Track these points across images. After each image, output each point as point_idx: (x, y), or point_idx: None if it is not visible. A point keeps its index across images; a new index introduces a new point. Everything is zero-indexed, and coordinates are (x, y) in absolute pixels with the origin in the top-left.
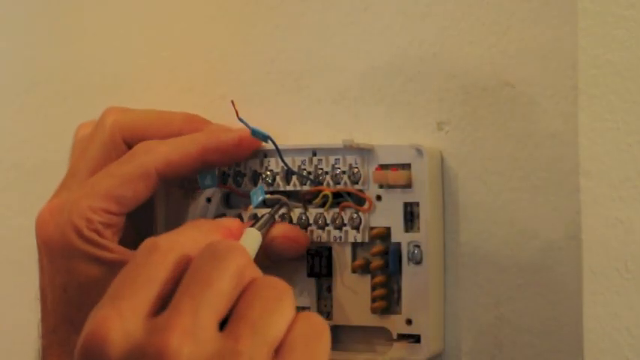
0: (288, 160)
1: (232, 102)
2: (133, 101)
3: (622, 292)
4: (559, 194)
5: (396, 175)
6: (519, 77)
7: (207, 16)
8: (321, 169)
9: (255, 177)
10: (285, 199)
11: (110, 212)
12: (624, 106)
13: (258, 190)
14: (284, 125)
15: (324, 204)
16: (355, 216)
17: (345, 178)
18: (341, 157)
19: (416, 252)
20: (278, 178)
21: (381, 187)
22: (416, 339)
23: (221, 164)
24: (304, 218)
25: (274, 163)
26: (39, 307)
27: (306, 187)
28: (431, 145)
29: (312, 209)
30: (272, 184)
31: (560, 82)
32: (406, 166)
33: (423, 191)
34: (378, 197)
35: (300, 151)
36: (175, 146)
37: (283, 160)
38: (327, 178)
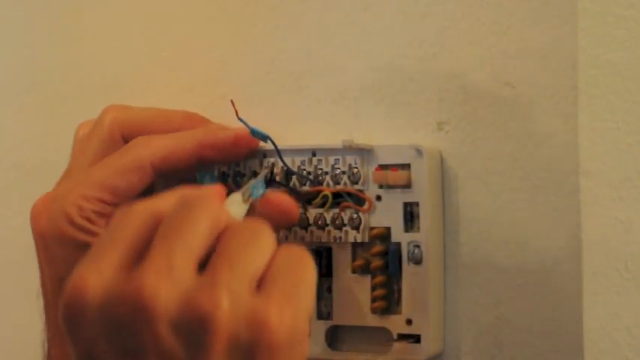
0: (288, 160)
1: (232, 101)
2: (133, 101)
3: (622, 292)
4: (559, 194)
5: (396, 175)
6: (519, 77)
7: (207, 16)
8: (321, 170)
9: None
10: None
11: (103, 201)
12: (624, 106)
13: (258, 182)
14: (284, 125)
15: (323, 204)
16: (355, 216)
17: (344, 178)
18: (341, 158)
19: (416, 252)
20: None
21: (380, 187)
22: (416, 339)
23: (217, 161)
24: (304, 218)
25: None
26: (42, 303)
27: (306, 188)
28: (431, 145)
29: (312, 209)
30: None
31: (560, 82)
32: (406, 166)
33: (423, 191)
34: (378, 197)
35: (300, 151)
36: (171, 141)
37: (282, 160)
38: (327, 178)
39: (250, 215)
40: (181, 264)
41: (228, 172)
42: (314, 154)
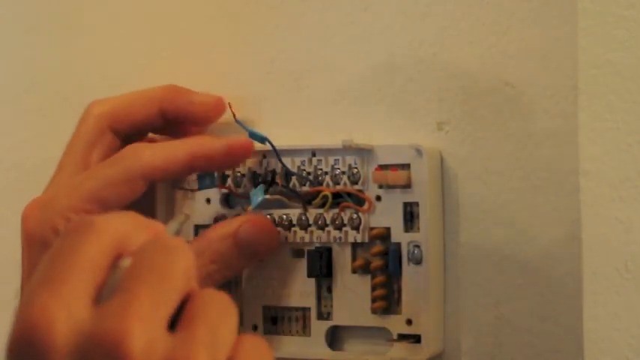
0: (288, 160)
1: (229, 104)
2: None
3: (622, 292)
4: (559, 194)
5: (396, 175)
6: (519, 77)
7: (207, 16)
8: (321, 170)
9: (255, 177)
10: (284, 200)
11: (92, 213)
12: (624, 106)
13: (257, 190)
14: (283, 125)
15: (323, 204)
16: (355, 216)
17: (344, 178)
18: (340, 158)
19: (416, 252)
20: (277, 179)
21: (380, 187)
22: (416, 339)
23: (211, 170)
24: (304, 219)
25: (273, 164)
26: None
27: (306, 188)
28: (431, 145)
29: (311, 210)
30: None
31: (560, 82)
32: (406, 167)
33: (423, 191)
34: (378, 197)
35: (300, 151)
36: (163, 152)
37: (281, 161)
38: (327, 178)
39: (232, 238)
40: (162, 315)
41: (228, 174)
42: (314, 155)
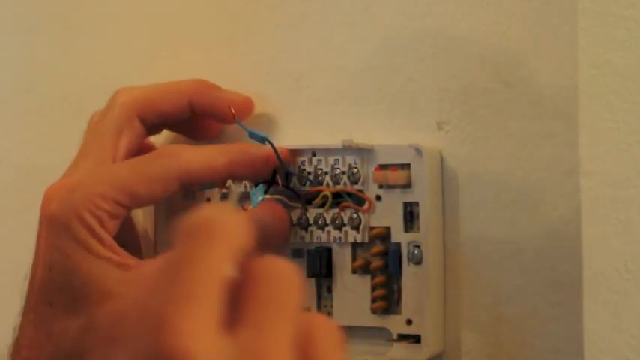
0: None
1: (229, 106)
2: None
3: (622, 292)
4: (559, 194)
5: (396, 175)
6: (519, 77)
7: (207, 16)
8: (321, 170)
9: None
10: (285, 199)
11: (120, 204)
12: (624, 106)
13: (257, 190)
14: (283, 125)
15: (323, 204)
16: (355, 216)
17: (344, 178)
18: (340, 158)
19: (416, 252)
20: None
21: (380, 187)
22: (416, 339)
23: (245, 178)
24: (304, 219)
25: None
26: (26, 286)
27: (306, 188)
28: (431, 145)
29: (311, 210)
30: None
31: (560, 82)
32: (406, 166)
33: (423, 191)
34: (378, 197)
35: (300, 151)
36: (203, 156)
37: (281, 161)
38: (327, 178)
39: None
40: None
41: None
42: (314, 154)
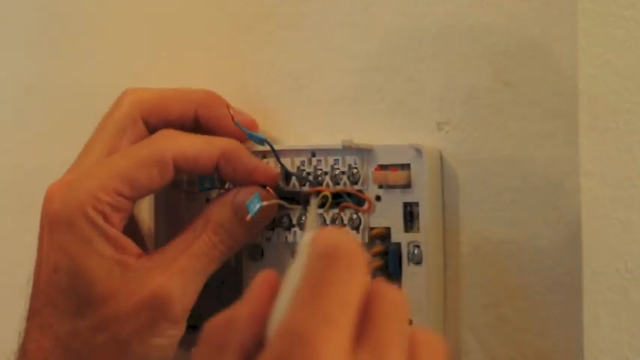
0: (288, 160)
1: (227, 106)
2: None
3: (622, 292)
4: (559, 194)
5: (396, 175)
6: (519, 77)
7: (207, 16)
8: (321, 170)
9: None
10: (283, 202)
11: (121, 194)
12: (624, 106)
13: (254, 198)
14: (283, 125)
15: (323, 205)
16: (355, 216)
17: (344, 178)
18: (340, 158)
19: (416, 252)
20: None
21: (380, 187)
22: None
23: (228, 178)
24: (304, 219)
25: (273, 164)
26: (29, 291)
27: (306, 188)
28: (431, 145)
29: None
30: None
31: (560, 82)
32: (405, 167)
33: (423, 191)
34: (378, 197)
35: (299, 151)
36: (198, 140)
37: (280, 162)
38: (327, 178)
39: (230, 206)
40: None
41: None
42: (313, 155)
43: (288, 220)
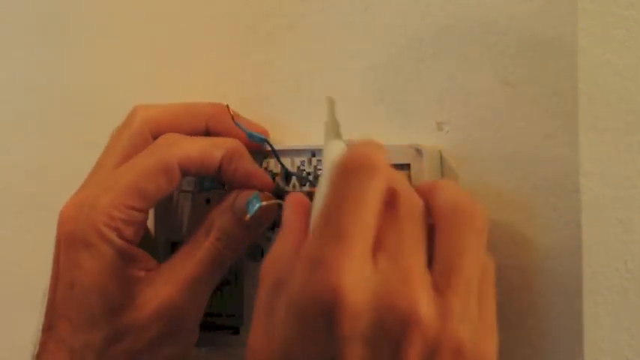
0: (288, 160)
1: (227, 106)
2: (133, 101)
3: (622, 292)
4: (559, 194)
5: None
6: (519, 77)
7: (207, 17)
8: (321, 170)
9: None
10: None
11: (132, 208)
12: (624, 106)
13: (253, 198)
14: (283, 125)
15: None
16: None
17: None
18: None
19: None
20: (277, 179)
21: None
22: None
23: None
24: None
25: (273, 164)
26: (44, 304)
27: (306, 188)
28: (431, 145)
29: None
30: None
31: (560, 82)
32: (406, 166)
33: None
34: None
35: (299, 151)
36: (201, 143)
37: (280, 161)
38: None
39: (230, 210)
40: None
41: None
42: (313, 155)
43: None
